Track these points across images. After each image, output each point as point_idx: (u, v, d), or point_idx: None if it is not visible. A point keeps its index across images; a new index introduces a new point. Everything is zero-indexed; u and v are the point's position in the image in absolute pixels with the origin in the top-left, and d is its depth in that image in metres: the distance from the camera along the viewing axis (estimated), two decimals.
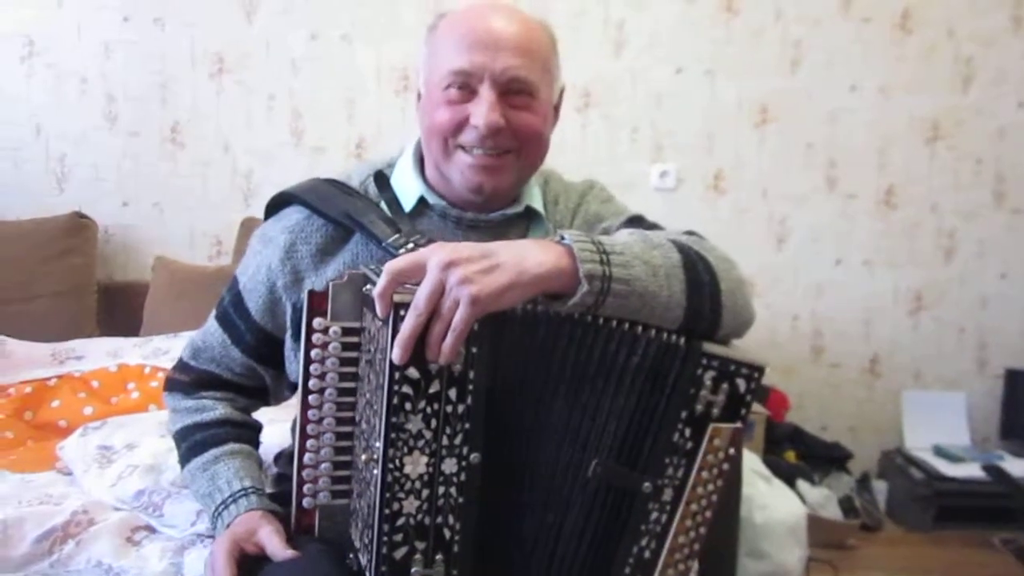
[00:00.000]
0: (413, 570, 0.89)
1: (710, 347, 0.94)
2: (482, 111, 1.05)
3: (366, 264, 1.05)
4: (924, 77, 3.02)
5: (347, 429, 0.99)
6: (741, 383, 0.93)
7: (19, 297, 2.57)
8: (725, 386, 0.93)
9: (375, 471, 0.88)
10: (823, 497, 2.71)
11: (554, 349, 0.91)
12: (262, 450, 1.23)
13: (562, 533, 0.94)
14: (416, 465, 0.88)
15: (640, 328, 0.92)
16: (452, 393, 0.88)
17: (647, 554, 0.95)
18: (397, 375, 0.86)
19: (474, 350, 0.88)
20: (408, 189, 1.15)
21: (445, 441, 0.88)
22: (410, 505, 0.88)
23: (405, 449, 0.87)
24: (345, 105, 2.93)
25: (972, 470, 2.79)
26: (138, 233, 2.92)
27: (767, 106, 3.00)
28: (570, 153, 2.93)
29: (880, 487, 3.00)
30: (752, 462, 2.25)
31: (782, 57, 2.99)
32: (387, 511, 0.87)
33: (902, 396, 3.12)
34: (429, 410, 0.87)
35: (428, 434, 0.87)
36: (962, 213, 3.09)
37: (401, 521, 0.88)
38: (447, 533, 0.90)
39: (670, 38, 2.96)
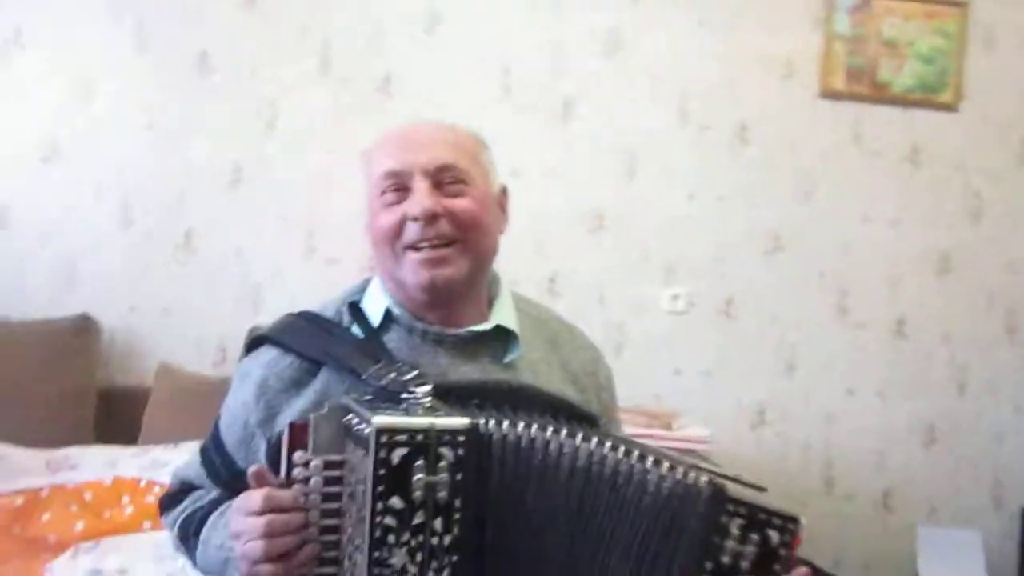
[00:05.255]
0: None
1: (737, 491, 0.88)
2: (416, 199, 1.06)
3: (346, 393, 1.02)
4: (935, 207, 3.05)
5: (331, 570, 0.92)
6: (773, 535, 0.87)
7: (17, 399, 2.52)
8: (755, 537, 0.87)
9: None
10: None
11: (554, 479, 0.88)
12: None
13: None
14: None
15: (651, 461, 0.89)
16: (438, 524, 0.84)
17: None
18: (380, 505, 0.82)
19: (458, 477, 0.84)
20: (376, 306, 1.13)
21: None
22: None
23: None
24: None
25: None
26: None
27: (779, 234, 3.02)
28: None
29: None
30: None
31: (797, 186, 3.02)
32: None
33: (916, 532, 3.02)
34: (414, 543, 0.83)
35: (413, 569, 0.83)
36: (975, 345, 3.07)
37: None
38: None
39: (681, 165, 3.00)
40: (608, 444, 0.91)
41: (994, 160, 3.07)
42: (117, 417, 2.64)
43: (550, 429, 0.91)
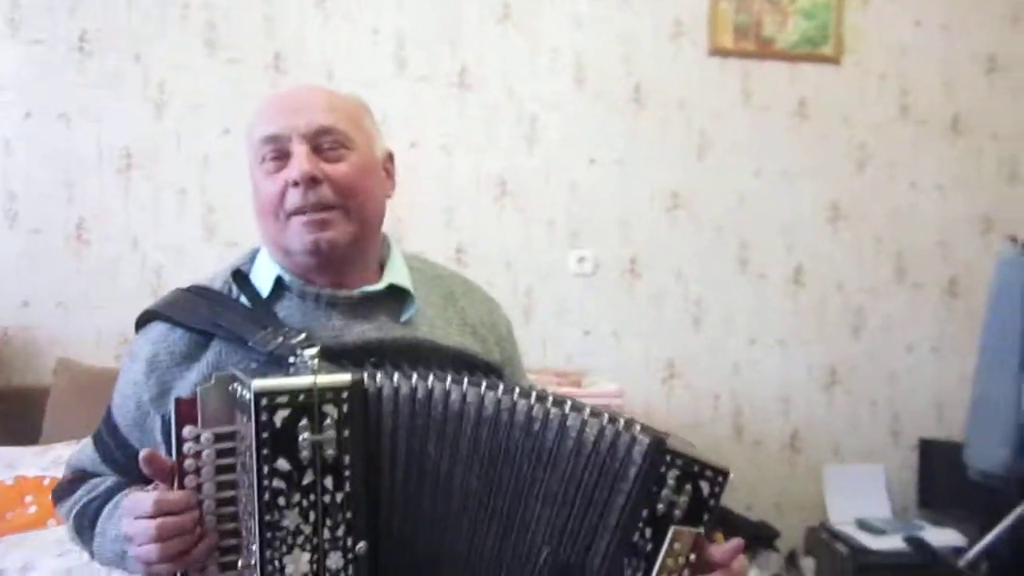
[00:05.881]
0: None
1: (674, 444, 0.92)
2: (296, 164, 1.05)
3: (233, 365, 1.01)
4: (823, 160, 3.17)
5: (232, 542, 0.91)
6: (705, 486, 0.92)
7: None
8: (688, 487, 0.91)
9: None
10: None
11: (458, 429, 0.89)
12: None
13: None
14: (298, 564, 0.84)
15: (570, 407, 0.90)
16: (328, 482, 0.85)
17: None
18: (266, 469, 0.83)
19: (345, 433, 0.85)
20: (266, 275, 1.12)
21: (327, 534, 0.85)
22: None
23: (284, 548, 0.83)
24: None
25: (895, 542, 2.82)
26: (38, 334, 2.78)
27: (677, 192, 3.09)
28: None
29: (808, 564, 3.00)
30: None
31: (692, 145, 3.09)
32: None
33: (823, 471, 3.16)
34: (305, 503, 0.84)
35: (307, 528, 0.84)
36: (867, 290, 3.21)
37: None
38: None
39: (580, 129, 3.04)
40: (516, 391, 0.92)
41: (875, 111, 3.20)
42: (16, 417, 2.54)
43: (449, 380, 0.92)
